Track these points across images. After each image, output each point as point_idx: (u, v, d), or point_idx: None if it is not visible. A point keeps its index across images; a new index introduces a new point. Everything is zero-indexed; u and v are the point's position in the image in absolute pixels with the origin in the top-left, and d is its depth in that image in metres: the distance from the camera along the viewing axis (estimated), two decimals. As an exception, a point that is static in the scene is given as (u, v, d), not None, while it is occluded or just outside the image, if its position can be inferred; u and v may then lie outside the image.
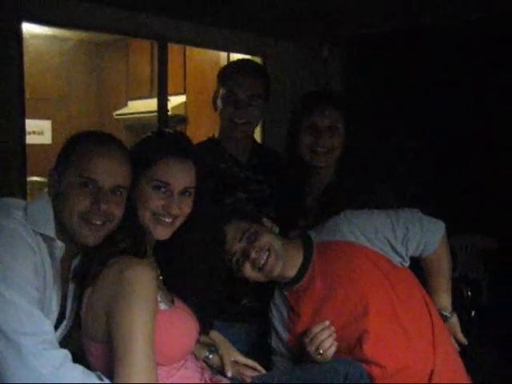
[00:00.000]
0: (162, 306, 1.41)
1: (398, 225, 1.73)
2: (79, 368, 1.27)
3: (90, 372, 1.29)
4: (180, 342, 1.43)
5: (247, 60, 2.51)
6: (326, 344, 1.59)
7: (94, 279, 1.36)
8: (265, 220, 1.80)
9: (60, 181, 1.39)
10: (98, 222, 1.38)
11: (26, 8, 2.82)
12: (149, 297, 1.30)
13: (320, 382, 1.56)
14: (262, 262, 1.66)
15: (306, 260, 1.73)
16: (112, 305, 1.28)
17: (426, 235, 1.75)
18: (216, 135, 2.14)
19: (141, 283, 1.29)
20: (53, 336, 1.28)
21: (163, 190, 1.45)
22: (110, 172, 1.38)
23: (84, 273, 1.40)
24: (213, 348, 1.67)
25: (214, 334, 1.69)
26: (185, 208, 1.48)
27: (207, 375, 1.53)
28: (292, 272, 1.72)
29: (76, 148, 1.40)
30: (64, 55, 5.32)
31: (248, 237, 1.69)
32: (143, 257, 1.41)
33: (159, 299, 1.40)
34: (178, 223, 1.48)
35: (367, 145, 2.24)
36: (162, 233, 1.47)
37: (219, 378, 1.61)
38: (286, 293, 1.76)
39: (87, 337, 1.37)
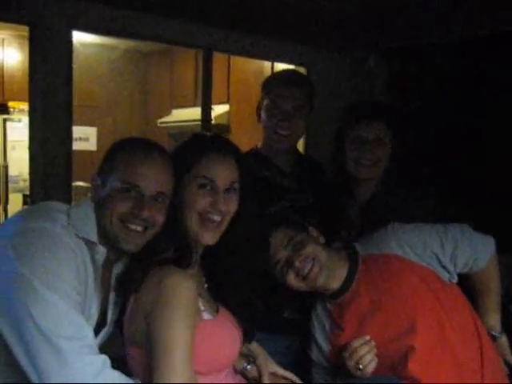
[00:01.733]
0: (206, 316, 1.40)
1: (446, 240, 1.68)
2: (118, 375, 1.27)
3: (128, 379, 1.28)
4: (223, 353, 1.42)
5: (292, 70, 2.51)
6: (366, 359, 1.55)
7: (137, 287, 1.36)
8: (311, 229, 1.77)
9: (103, 186, 1.41)
10: (139, 229, 1.39)
11: (76, 17, 2.88)
12: (188, 307, 1.29)
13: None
14: (306, 271, 1.64)
15: (351, 272, 1.69)
16: (151, 313, 1.29)
17: (476, 251, 1.69)
18: (259, 145, 2.14)
19: (179, 293, 1.29)
20: (93, 341, 1.29)
21: (208, 187, 1.44)
22: (152, 178, 1.39)
23: (128, 280, 1.41)
24: (251, 359, 1.65)
25: (253, 345, 1.67)
26: (231, 205, 1.47)
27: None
28: (336, 284, 1.69)
29: (120, 154, 1.42)
30: (111, 64, 5.44)
31: (294, 245, 1.67)
32: (187, 267, 1.40)
33: (203, 308, 1.39)
34: (224, 224, 1.47)
35: (413, 156, 2.19)
36: (208, 237, 1.45)
37: None
38: (329, 305, 1.73)
39: (129, 342, 1.38)
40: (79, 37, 3.35)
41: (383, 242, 1.72)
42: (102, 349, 1.40)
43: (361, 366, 1.55)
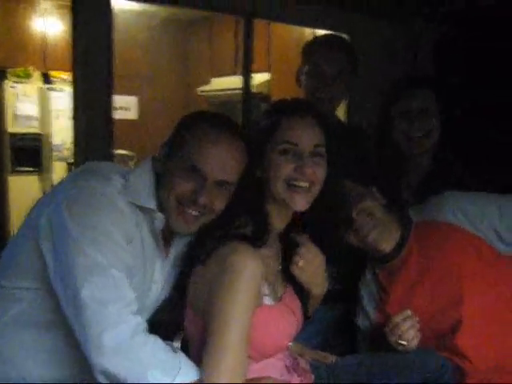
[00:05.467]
0: (267, 301, 1.36)
1: (505, 210, 1.62)
2: (152, 339, 1.26)
3: (163, 344, 1.27)
4: (275, 340, 1.40)
5: (333, 35, 2.48)
6: (409, 335, 1.52)
7: (205, 258, 1.33)
8: (374, 190, 1.73)
9: (168, 157, 1.38)
10: (194, 213, 1.36)
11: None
12: (249, 288, 1.25)
13: (401, 373, 1.51)
14: (360, 224, 1.62)
15: (403, 237, 1.66)
16: (214, 288, 1.26)
17: None
18: None
19: (243, 272, 1.25)
20: (135, 304, 1.28)
21: (292, 152, 1.38)
22: (219, 164, 1.34)
23: (197, 249, 1.38)
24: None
25: None
26: (318, 170, 1.39)
27: (288, 361, 1.50)
28: (387, 247, 1.65)
29: (192, 130, 1.37)
30: (151, 31, 5.41)
31: (353, 197, 1.64)
32: (261, 245, 1.35)
33: (266, 292, 1.36)
34: (314, 190, 1.40)
35: (465, 128, 2.12)
36: (300, 202, 1.39)
37: (300, 360, 1.58)
38: (378, 271, 1.70)
39: (190, 307, 1.38)
40: (119, 4, 3.32)
41: (438, 209, 1.68)
42: (158, 313, 1.45)
43: (403, 342, 1.52)
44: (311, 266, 1.45)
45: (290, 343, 1.60)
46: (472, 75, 3.80)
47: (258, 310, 1.30)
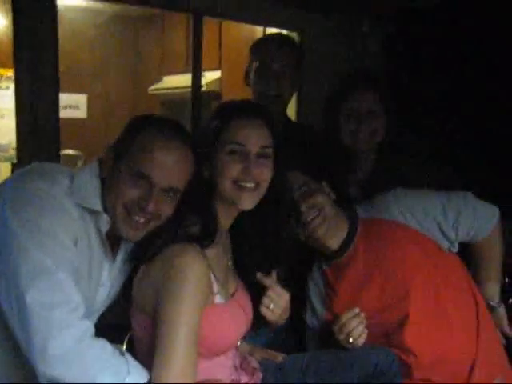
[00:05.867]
0: (218, 299, 1.36)
1: (449, 207, 1.66)
2: (100, 343, 1.24)
3: (111, 347, 1.25)
4: (225, 339, 1.40)
5: (279, 33, 2.59)
6: (356, 333, 1.54)
7: (150, 257, 1.33)
8: (324, 184, 1.73)
9: (115, 162, 1.35)
10: (141, 220, 1.34)
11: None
12: (196, 289, 1.26)
13: (350, 369, 1.53)
14: (309, 219, 1.61)
15: (350, 235, 1.68)
16: (161, 290, 1.26)
17: (478, 220, 1.67)
18: None
19: (189, 274, 1.26)
20: (82, 308, 1.25)
21: (239, 153, 1.39)
22: (167, 171, 1.33)
23: (146, 249, 1.37)
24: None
25: None
26: (264, 171, 1.41)
27: (237, 360, 1.50)
28: (334, 243, 1.66)
29: (139, 135, 1.35)
30: (99, 28, 5.30)
31: (304, 191, 1.64)
32: (209, 244, 1.36)
33: (216, 291, 1.35)
34: (261, 190, 1.42)
35: (410, 126, 2.16)
36: (246, 201, 1.40)
37: (250, 359, 1.59)
38: (325, 267, 1.71)
39: (137, 308, 1.36)
40: (63, 0, 3.25)
41: (385, 207, 1.70)
42: (105, 315, 1.43)
43: (351, 340, 1.54)
44: (279, 307, 1.50)
45: (240, 342, 1.60)
46: (419, 72, 3.88)
47: (208, 309, 1.31)
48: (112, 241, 1.43)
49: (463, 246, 1.72)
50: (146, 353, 1.35)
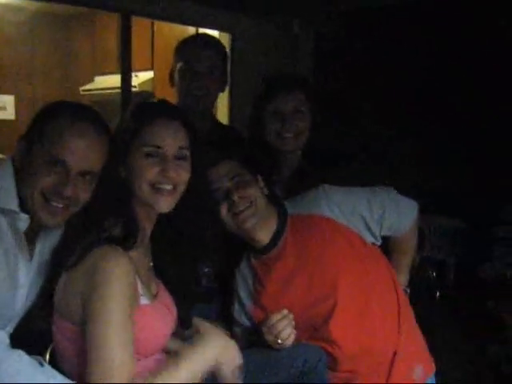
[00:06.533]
0: (143, 300, 1.34)
1: (375, 203, 1.72)
2: (16, 355, 1.20)
3: (28, 359, 1.21)
4: (154, 339, 1.38)
5: (203, 34, 2.62)
6: (285, 334, 1.56)
7: (73, 263, 1.28)
8: (260, 178, 1.74)
9: (28, 152, 1.32)
10: (60, 205, 1.32)
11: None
12: (123, 291, 1.24)
13: (278, 367, 1.54)
14: (240, 209, 1.62)
15: (280, 230, 1.69)
16: (87, 296, 1.23)
17: (401, 215, 1.75)
18: None
19: (115, 277, 1.23)
20: None
21: (156, 155, 1.37)
22: (81, 155, 1.31)
23: (66, 254, 1.33)
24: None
25: None
26: (182, 173, 1.41)
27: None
28: (264, 238, 1.68)
29: (50, 121, 1.33)
30: (21, 26, 5.09)
31: (238, 181, 1.64)
32: (131, 246, 1.33)
33: (141, 292, 1.33)
34: (178, 192, 1.41)
35: (337, 128, 2.22)
36: (164, 204, 1.39)
37: None
38: (254, 261, 1.72)
39: (60, 316, 1.32)
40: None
41: (313, 202, 1.73)
42: (26, 323, 1.39)
43: (279, 341, 1.56)
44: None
45: (168, 341, 1.59)
46: (351, 75, 3.96)
47: (136, 311, 1.29)
48: (28, 239, 1.40)
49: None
50: (68, 361, 1.32)
